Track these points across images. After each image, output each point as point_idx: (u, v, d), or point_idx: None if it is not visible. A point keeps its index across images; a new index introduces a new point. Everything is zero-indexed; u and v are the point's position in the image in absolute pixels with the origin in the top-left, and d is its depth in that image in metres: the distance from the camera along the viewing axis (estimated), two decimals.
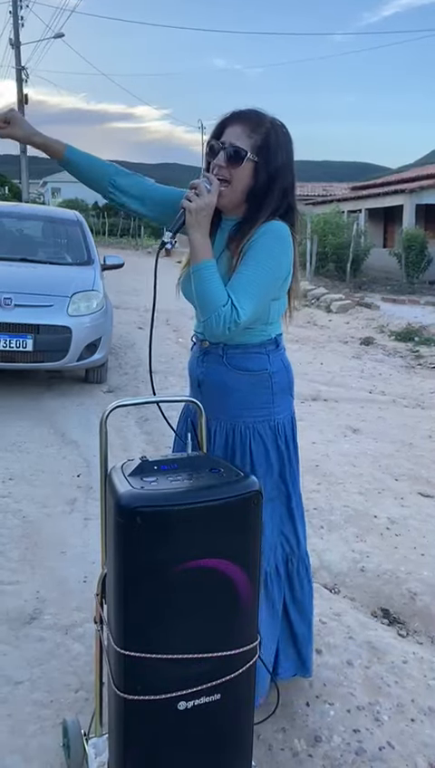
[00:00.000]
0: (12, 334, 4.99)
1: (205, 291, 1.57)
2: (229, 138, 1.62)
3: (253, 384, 1.77)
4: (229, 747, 1.46)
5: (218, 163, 1.63)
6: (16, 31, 24.59)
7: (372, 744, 1.84)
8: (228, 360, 1.75)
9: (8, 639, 2.26)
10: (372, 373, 6.75)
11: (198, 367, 1.81)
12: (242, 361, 1.75)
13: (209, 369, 1.77)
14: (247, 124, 1.63)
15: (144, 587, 1.29)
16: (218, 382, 1.75)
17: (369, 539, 3.08)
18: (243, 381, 1.76)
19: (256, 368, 1.77)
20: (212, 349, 1.76)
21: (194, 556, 1.31)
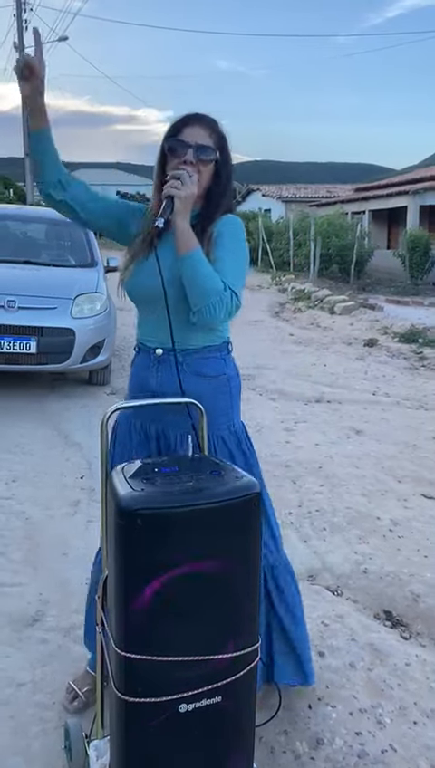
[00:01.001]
0: (16, 336, 5.00)
1: (203, 277, 1.58)
2: (193, 138, 1.67)
3: (213, 389, 1.76)
4: (231, 749, 1.46)
5: (188, 159, 1.66)
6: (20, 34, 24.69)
7: (375, 746, 1.83)
8: (187, 367, 1.72)
9: (11, 641, 2.26)
10: (375, 375, 6.74)
11: (151, 377, 1.74)
12: (201, 367, 1.74)
13: (166, 378, 1.71)
14: (206, 127, 1.70)
15: (144, 589, 1.29)
16: (177, 389, 1.68)
17: (372, 541, 3.08)
18: (203, 387, 1.73)
19: (214, 372, 1.76)
20: (167, 356, 1.71)
21: (194, 558, 1.30)
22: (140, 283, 1.72)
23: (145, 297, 1.73)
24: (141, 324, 1.80)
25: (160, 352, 1.72)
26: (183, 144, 1.67)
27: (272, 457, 4.15)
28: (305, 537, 3.11)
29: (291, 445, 4.45)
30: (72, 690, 1.97)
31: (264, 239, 20.39)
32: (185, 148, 1.67)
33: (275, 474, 3.85)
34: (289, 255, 18.48)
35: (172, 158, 1.69)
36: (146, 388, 1.76)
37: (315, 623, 2.36)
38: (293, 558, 2.89)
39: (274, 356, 7.66)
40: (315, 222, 16.63)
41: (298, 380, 6.36)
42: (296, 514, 3.34)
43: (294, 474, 3.90)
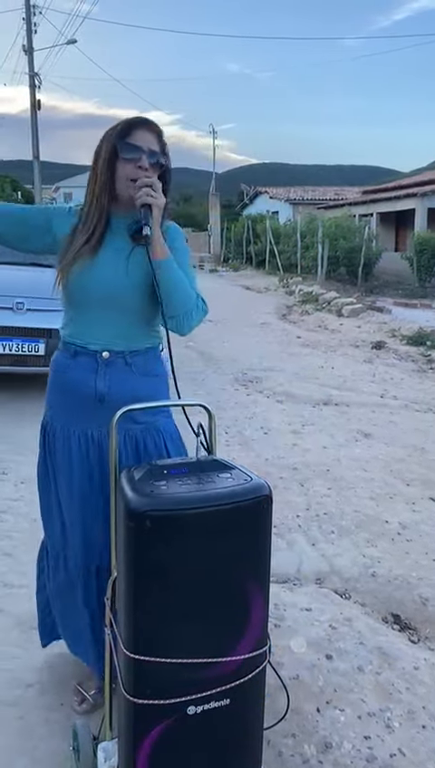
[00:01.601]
0: (24, 338, 5.02)
1: (181, 285, 1.67)
2: (144, 143, 1.67)
3: (156, 387, 1.80)
4: (239, 752, 1.46)
5: (144, 165, 1.66)
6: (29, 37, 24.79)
7: (383, 750, 1.82)
8: (135, 368, 1.75)
9: (19, 642, 2.27)
10: (383, 377, 6.72)
11: (98, 381, 1.72)
12: (145, 367, 1.78)
13: (115, 380, 1.72)
14: (154, 132, 1.70)
15: (154, 590, 1.29)
16: (129, 392, 1.70)
17: (380, 544, 3.07)
18: (150, 386, 1.77)
19: (155, 371, 1.82)
20: (114, 359, 1.72)
21: (203, 560, 1.31)
22: (97, 282, 1.69)
23: (96, 296, 1.70)
24: (81, 327, 1.75)
25: (107, 355, 1.72)
26: (137, 149, 1.66)
27: (279, 460, 4.15)
28: (313, 540, 3.10)
29: (298, 447, 4.44)
30: (79, 692, 1.98)
31: (271, 241, 20.40)
32: (139, 153, 1.66)
33: (283, 476, 3.84)
34: (296, 258, 18.47)
35: (125, 162, 1.66)
36: (87, 391, 1.73)
37: (323, 626, 2.35)
38: (301, 561, 2.91)
39: (281, 358, 7.65)
40: (323, 224, 16.62)
41: (306, 383, 6.36)
42: (304, 517, 3.33)
43: (302, 477, 3.89)
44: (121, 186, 1.68)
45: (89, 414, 1.73)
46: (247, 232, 24.15)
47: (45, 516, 1.93)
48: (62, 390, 1.79)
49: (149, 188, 1.62)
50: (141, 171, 1.65)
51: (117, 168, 1.68)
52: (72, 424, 1.77)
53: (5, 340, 4.99)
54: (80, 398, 1.74)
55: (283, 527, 3.19)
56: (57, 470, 1.82)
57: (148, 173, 1.65)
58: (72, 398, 1.76)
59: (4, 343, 4.99)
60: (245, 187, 36.19)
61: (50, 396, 1.86)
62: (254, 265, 23.26)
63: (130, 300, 1.69)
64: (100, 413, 1.69)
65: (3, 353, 5.00)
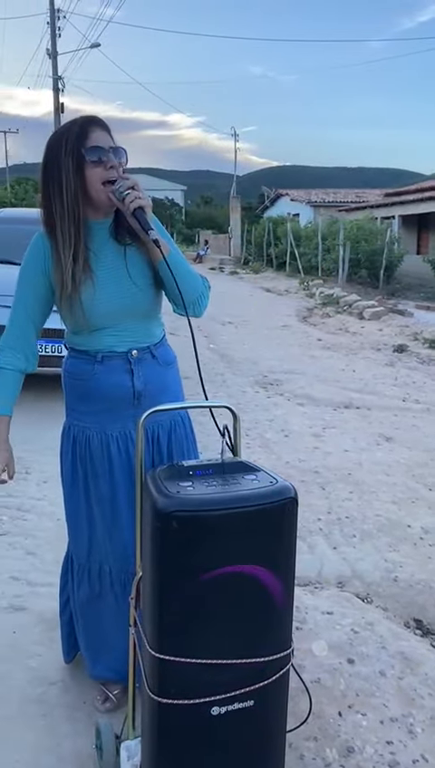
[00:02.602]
0: (47, 339, 5.06)
1: (190, 274, 1.71)
2: (104, 142, 1.63)
3: (175, 374, 1.86)
4: (262, 754, 1.46)
5: (115, 164, 1.62)
6: (54, 41, 25.04)
7: (406, 756, 1.81)
8: (160, 359, 1.79)
9: (42, 641, 2.29)
10: (405, 381, 6.67)
11: (135, 379, 1.73)
12: (165, 356, 1.83)
13: (148, 376, 1.75)
14: (105, 128, 1.66)
15: (179, 591, 1.30)
16: (160, 384, 1.77)
17: (402, 548, 3.05)
18: (172, 374, 1.84)
19: (172, 359, 1.87)
20: (143, 355, 1.75)
21: (229, 561, 1.31)
22: (114, 300, 1.68)
23: (119, 311, 1.70)
24: (100, 338, 1.72)
25: (136, 353, 1.75)
26: (101, 150, 1.60)
27: (300, 463, 4.14)
28: (335, 544, 3.09)
29: (319, 450, 4.43)
30: (103, 692, 1.99)
31: (292, 244, 20.35)
32: (105, 154, 1.61)
33: (304, 479, 3.83)
34: (317, 260, 18.42)
35: (93, 166, 1.60)
36: (123, 392, 1.73)
37: (345, 630, 2.34)
38: (322, 564, 2.90)
39: (302, 361, 7.63)
40: (344, 227, 16.55)
41: (327, 386, 6.33)
42: (326, 521, 3.32)
43: (323, 480, 3.88)
44: (95, 190, 1.62)
45: (126, 414, 1.75)
46: (268, 234, 24.13)
47: (72, 525, 1.91)
48: (92, 396, 1.76)
49: (134, 191, 1.58)
50: (113, 171, 1.61)
51: (86, 175, 1.61)
52: (108, 427, 1.76)
53: None
54: (115, 401, 1.74)
55: (304, 530, 3.18)
56: (94, 476, 1.80)
57: (119, 171, 1.62)
58: (105, 402, 1.75)
59: None
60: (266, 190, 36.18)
61: (74, 404, 1.82)
62: (274, 268, 23.23)
63: (142, 303, 1.72)
64: (138, 411, 1.67)
65: None
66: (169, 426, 1.81)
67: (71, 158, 1.60)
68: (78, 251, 1.64)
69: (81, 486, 1.85)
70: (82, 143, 1.60)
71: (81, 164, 1.60)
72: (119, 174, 1.62)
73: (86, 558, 1.89)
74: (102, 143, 1.62)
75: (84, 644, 1.99)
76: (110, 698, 1.97)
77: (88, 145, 1.60)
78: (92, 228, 1.69)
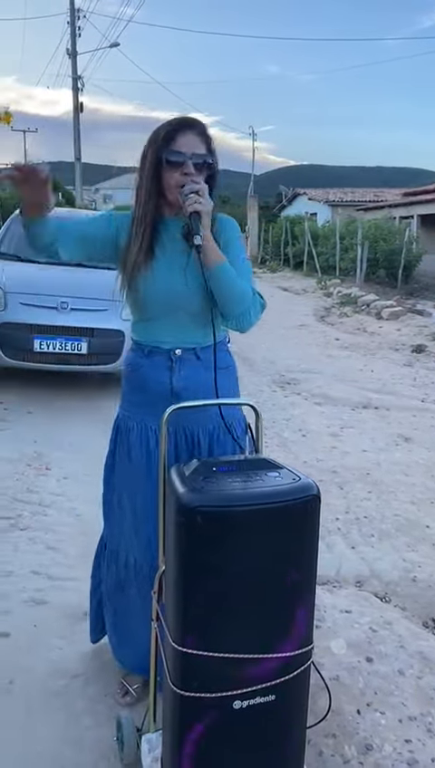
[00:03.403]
0: (68, 337, 5.12)
1: (236, 285, 1.68)
2: (188, 147, 1.67)
3: (228, 380, 1.85)
4: (282, 749, 1.47)
5: (188, 171, 1.67)
6: (73, 41, 25.20)
7: (425, 755, 1.82)
8: (206, 362, 1.78)
9: (63, 634, 2.32)
10: (424, 381, 6.64)
11: (173, 377, 1.77)
12: (218, 361, 1.79)
13: (189, 376, 1.77)
14: (198, 133, 1.70)
15: (202, 585, 1.32)
16: (202, 386, 1.75)
17: (421, 549, 3.04)
18: (221, 380, 1.79)
19: (225, 364, 1.85)
20: (187, 354, 1.77)
21: (252, 557, 1.33)
22: (160, 291, 1.74)
23: (164, 304, 1.75)
24: (151, 328, 1.80)
25: (180, 352, 1.77)
26: (181, 155, 1.67)
27: (318, 462, 4.15)
28: (353, 543, 3.09)
29: (337, 450, 4.42)
30: (123, 686, 2.02)
31: (310, 243, 20.30)
32: (184, 159, 1.67)
33: (322, 479, 3.83)
34: (335, 260, 18.35)
35: (170, 170, 1.68)
36: (162, 389, 1.78)
37: (364, 629, 2.35)
38: (340, 563, 2.90)
39: (319, 360, 7.62)
40: (362, 226, 16.48)
41: (344, 385, 6.32)
42: (344, 520, 3.32)
43: (341, 479, 3.88)
44: (169, 192, 1.71)
45: (164, 410, 1.77)
46: (286, 233, 24.08)
47: (107, 512, 1.97)
48: (138, 388, 1.83)
49: (196, 195, 1.63)
50: (187, 177, 1.67)
51: (163, 176, 1.70)
52: (148, 420, 1.80)
53: (49, 339, 5.10)
54: (155, 395, 1.78)
55: (322, 529, 3.14)
56: (129, 467, 1.85)
57: (194, 177, 1.67)
58: (147, 395, 1.80)
59: (48, 342, 5.09)
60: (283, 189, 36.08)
61: (125, 394, 1.90)
62: (292, 267, 23.19)
63: (190, 304, 1.73)
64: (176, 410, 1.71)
65: (46, 351, 5.11)
66: (211, 429, 1.80)
67: (154, 158, 1.70)
68: (143, 242, 1.73)
69: (116, 474, 1.90)
70: (167, 145, 1.68)
71: (160, 165, 1.69)
72: (190, 178, 1.67)
73: (116, 545, 1.94)
74: (186, 148, 1.68)
75: (111, 630, 2.03)
76: (130, 692, 2.00)
77: (171, 148, 1.67)
78: (167, 223, 1.77)
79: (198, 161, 1.68)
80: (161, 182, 1.71)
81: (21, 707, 1.97)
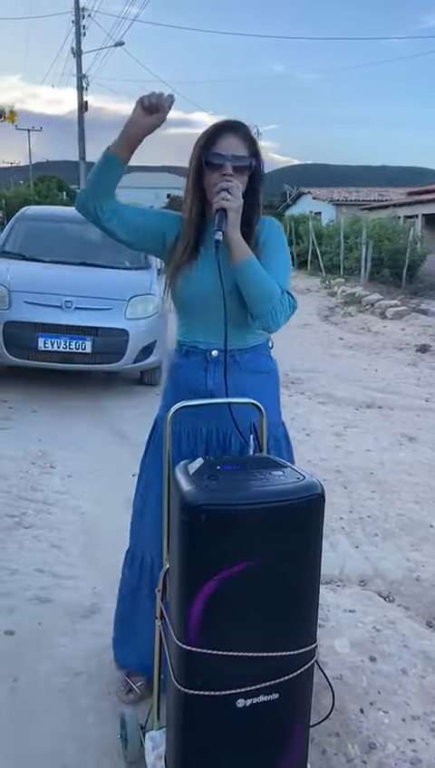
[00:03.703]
0: (72, 336, 5.13)
1: (263, 283, 1.66)
2: (228, 149, 1.69)
3: (266, 385, 1.84)
4: (285, 747, 1.47)
5: (226, 172, 1.68)
6: (78, 40, 25.20)
7: (428, 754, 1.82)
8: (244, 365, 1.78)
9: (67, 632, 2.33)
10: (428, 381, 6.63)
11: (208, 378, 1.78)
12: (255, 364, 1.82)
13: (223, 378, 1.75)
14: (240, 135, 1.72)
15: (206, 583, 1.32)
16: (237, 389, 1.74)
17: (425, 548, 3.04)
18: (258, 384, 1.81)
19: (266, 369, 1.85)
20: (222, 357, 1.75)
21: (256, 555, 1.33)
22: (197, 290, 1.76)
23: (201, 304, 1.76)
24: (190, 328, 1.83)
25: (216, 353, 1.77)
26: (220, 157, 1.69)
27: (322, 462, 4.14)
28: (357, 543, 3.09)
29: (341, 450, 4.42)
30: (127, 684, 2.02)
31: (314, 242, 20.27)
32: (223, 161, 1.69)
33: (326, 478, 3.83)
34: (339, 259, 18.33)
35: (210, 172, 1.71)
36: (198, 389, 1.79)
37: (367, 628, 2.35)
38: (344, 562, 2.90)
39: (323, 360, 7.62)
40: (367, 226, 16.45)
41: (348, 385, 6.32)
42: (347, 520, 3.32)
43: (345, 479, 3.88)
44: (210, 193, 1.72)
45: (199, 411, 1.76)
46: (290, 233, 24.06)
47: (133, 507, 2.02)
48: (176, 388, 1.85)
49: (225, 192, 1.64)
50: (224, 177, 1.68)
51: (205, 179, 1.73)
52: (183, 420, 1.79)
53: (54, 338, 5.10)
54: (191, 395, 1.78)
55: (326, 529, 3.14)
56: (159, 464, 1.82)
57: (230, 178, 1.68)
58: (184, 396, 1.79)
59: (52, 341, 5.10)
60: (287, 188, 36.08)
61: (165, 393, 1.92)
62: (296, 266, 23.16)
63: (228, 305, 1.70)
64: (210, 410, 1.71)
65: (51, 350, 5.12)
66: (244, 431, 1.77)
67: (196, 161, 1.74)
68: (188, 245, 1.77)
69: (146, 470, 1.94)
70: (208, 148, 1.71)
71: (202, 167, 1.73)
72: (225, 178, 1.68)
73: (134, 543, 1.98)
74: (227, 150, 1.69)
75: (116, 629, 2.06)
76: (133, 690, 2.00)
77: (211, 151, 1.70)
78: (210, 225, 1.77)
79: (238, 163, 1.70)
80: (205, 185, 1.74)
81: (25, 704, 1.98)
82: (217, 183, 1.69)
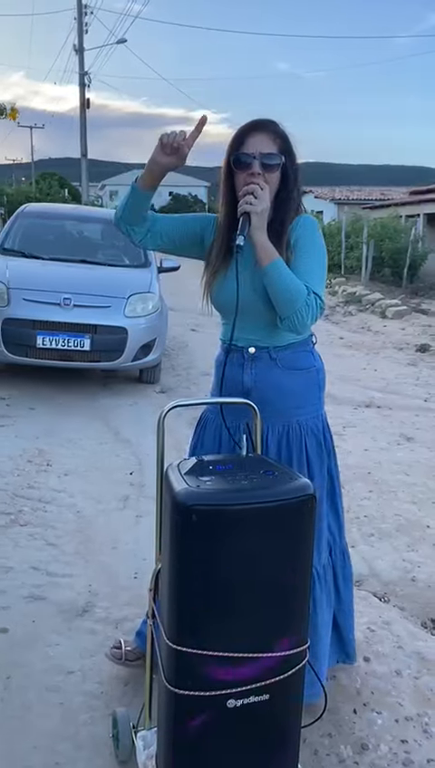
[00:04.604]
0: (70, 333, 5.11)
1: (288, 285, 1.65)
2: (256, 148, 1.68)
3: (305, 382, 1.84)
4: (276, 748, 1.47)
5: (255, 171, 1.68)
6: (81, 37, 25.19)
7: (421, 755, 1.81)
8: (281, 362, 1.79)
9: (61, 630, 2.33)
10: (428, 381, 6.62)
11: (244, 375, 1.79)
12: (293, 361, 1.81)
13: (260, 375, 1.78)
14: (269, 132, 1.71)
15: (197, 583, 1.32)
16: (273, 385, 1.77)
17: (421, 549, 3.04)
18: (296, 381, 1.81)
19: (305, 365, 1.85)
20: (260, 354, 1.78)
21: (247, 556, 1.32)
22: (228, 296, 1.75)
23: (234, 307, 1.74)
24: (227, 327, 1.83)
25: (253, 350, 1.78)
26: (247, 156, 1.68)
27: None
28: (353, 542, 3.08)
29: (339, 449, 4.36)
30: (119, 642, 2.08)
31: None
32: (250, 160, 1.68)
33: None
34: (340, 258, 18.31)
35: (239, 172, 1.71)
36: (235, 386, 1.80)
37: (362, 629, 2.34)
38: None
39: (323, 359, 7.59)
40: (368, 225, 16.43)
41: (348, 384, 6.31)
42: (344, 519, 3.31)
43: (343, 478, 3.82)
44: (239, 194, 1.70)
45: (237, 406, 1.77)
46: None
47: None
48: (217, 383, 1.85)
49: (250, 195, 1.63)
50: (253, 178, 1.67)
51: (236, 180, 1.72)
52: (225, 416, 1.80)
53: (52, 335, 5.09)
54: (230, 392, 1.79)
55: None
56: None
57: (257, 179, 1.67)
58: (224, 392, 1.81)
59: (51, 338, 5.09)
60: None
61: (211, 388, 1.93)
62: None
63: (261, 307, 1.71)
64: (244, 407, 1.71)
65: (49, 348, 5.10)
66: (280, 432, 1.80)
67: (226, 163, 1.74)
68: (221, 249, 1.78)
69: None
70: (235, 150, 1.70)
71: (231, 168, 1.73)
72: (251, 180, 1.67)
73: None
74: (254, 149, 1.68)
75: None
76: (120, 648, 2.06)
77: (240, 150, 1.69)
78: None
79: (266, 161, 1.68)
80: (235, 186, 1.73)
81: (18, 703, 1.98)
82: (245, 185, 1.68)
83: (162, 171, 1.69)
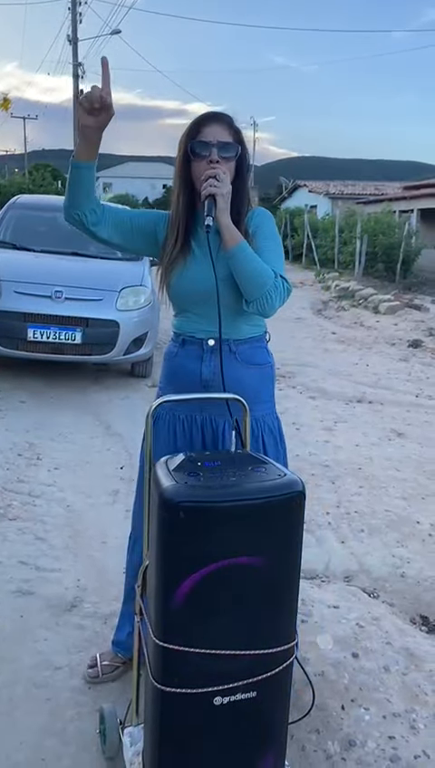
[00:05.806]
0: (62, 327, 5.09)
1: (255, 268, 1.65)
2: (213, 136, 1.70)
3: (261, 377, 1.84)
4: (263, 745, 1.47)
5: (214, 159, 1.69)
6: (74, 27, 24.95)
7: (408, 752, 1.81)
8: (240, 356, 1.78)
9: (48, 625, 2.32)
10: (419, 376, 6.63)
11: (203, 367, 1.77)
12: (251, 356, 1.81)
13: (218, 368, 1.75)
14: (224, 124, 1.72)
15: (184, 580, 1.31)
16: (233, 379, 1.73)
17: (410, 545, 3.04)
18: (254, 376, 1.81)
19: (261, 361, 1.85)
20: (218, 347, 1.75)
21: (235, 553, 1.31)
22: (192, 285, 1.75)
23: (195, 295, 1.75)
24: (186, 318, 1.82)
25: (213, 343, 1.76)
26: (205, 144, 1.69)
27: (310, 456, 4.14)
28: (343, 538, 3.09)
29: (330, 444, 4.42)
30: (94, 660, 2.07)
31: (309, 236, 20.23)
32: (208, 148, 1.69)
33: (314, 473, 3.83)
34: (334, 253, 18.30)
35: (197, 160, 1.71)
36: (193, 379, 1.78)
37: (350, 624, 2.34)
38: (329, 558, 2.90)
39: (315, 354, 7.61)
40: (362, 219, 16.42)
41: (339, 379, 6.31)
42: (334, 515, 3.32)
43: (333, 474, 3.87)
44: (198, 183, 1.71)
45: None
46: (285, 226, 24.00)
47: (137, 494, 2.01)
48: (171, 377, 1.85)
49: (213, 179, 1.64)
50: (214, 164, 1.68)
51: (192, 169, 1.73)
52: (177, 409, 1.80)
53: (43, 329, 5.06)
54: (186, 384, 1.78)
55: (312, 523, 3.18)
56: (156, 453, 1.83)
57: (217, 165, 1.67)
58: (179, 384, 1.80)
59: (41, 331, 5.06)
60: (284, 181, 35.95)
61: (160, 382, 1.92)
62: (290, 259, 23.12)
63: (223, 294, 1.69)
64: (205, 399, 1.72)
65: (40, 341, 5.07)
66: (252, 426, 1.78)
67: (182, 152, 1.73)
68: (178, 237, 1.76)
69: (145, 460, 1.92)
70: (193, 138, 1.71)
71: (188, 158, 1.72)
72: (211, 165, 1.67)
73: (133, 528, 2.01)
74: (212, 138, 1.69)
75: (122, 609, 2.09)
76: (96, 667, 2.05)
77: (196, 139, 1.70)
78: (199, 216, 1.76)
79: (225, 151, 1.70)
80: (192, 176, 1.74)
81: (4, 698, 1.97)
82: (204, 172, 1.68)
83: (98, 132, 1.65)
